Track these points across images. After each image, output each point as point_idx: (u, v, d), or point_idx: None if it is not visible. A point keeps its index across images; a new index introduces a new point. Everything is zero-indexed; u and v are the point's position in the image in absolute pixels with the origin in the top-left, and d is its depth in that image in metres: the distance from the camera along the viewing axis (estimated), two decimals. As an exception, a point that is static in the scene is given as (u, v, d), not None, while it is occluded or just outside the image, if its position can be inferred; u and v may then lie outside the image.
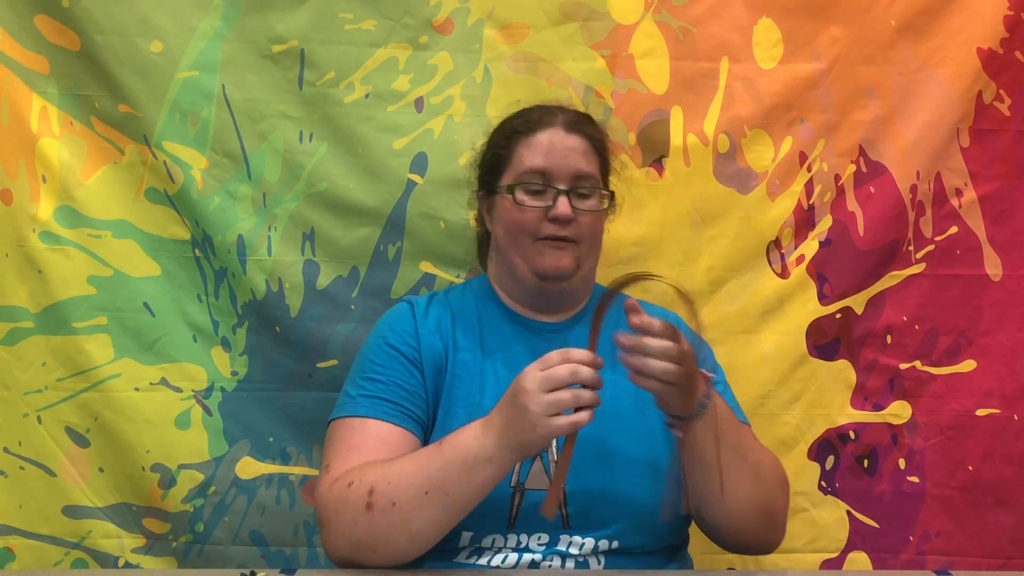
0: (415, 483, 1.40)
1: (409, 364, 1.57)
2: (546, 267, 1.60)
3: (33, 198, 1.84)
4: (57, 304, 1.85)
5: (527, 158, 1.62)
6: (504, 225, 1.64)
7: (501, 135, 1.68)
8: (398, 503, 1.39)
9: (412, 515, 1.39)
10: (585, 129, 1.65)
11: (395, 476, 1.42)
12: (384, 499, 1.40)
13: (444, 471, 1.39)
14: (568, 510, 1.52)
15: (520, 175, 1.62)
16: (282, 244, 1.89)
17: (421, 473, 1.40)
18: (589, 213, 1.61)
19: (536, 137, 1.63)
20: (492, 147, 1.69)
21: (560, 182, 1.60)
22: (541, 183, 1.60)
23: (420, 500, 1.39)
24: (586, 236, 1.61)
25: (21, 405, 1.86)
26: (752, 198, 1.93)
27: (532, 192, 1.60)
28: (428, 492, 1.39)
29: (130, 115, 1.85)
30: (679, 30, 1.91)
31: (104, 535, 1.88)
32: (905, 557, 1.95)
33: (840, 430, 1.95)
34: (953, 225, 1.94)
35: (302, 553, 1.91)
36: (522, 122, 1.66)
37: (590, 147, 1.64)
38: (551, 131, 1.63)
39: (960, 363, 1.95)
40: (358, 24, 1.87)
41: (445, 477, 1.39)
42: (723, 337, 1.92)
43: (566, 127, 1.63)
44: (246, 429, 1.90)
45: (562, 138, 1.62)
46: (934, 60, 1.92)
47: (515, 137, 1.65)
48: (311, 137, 1.89)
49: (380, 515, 1.40)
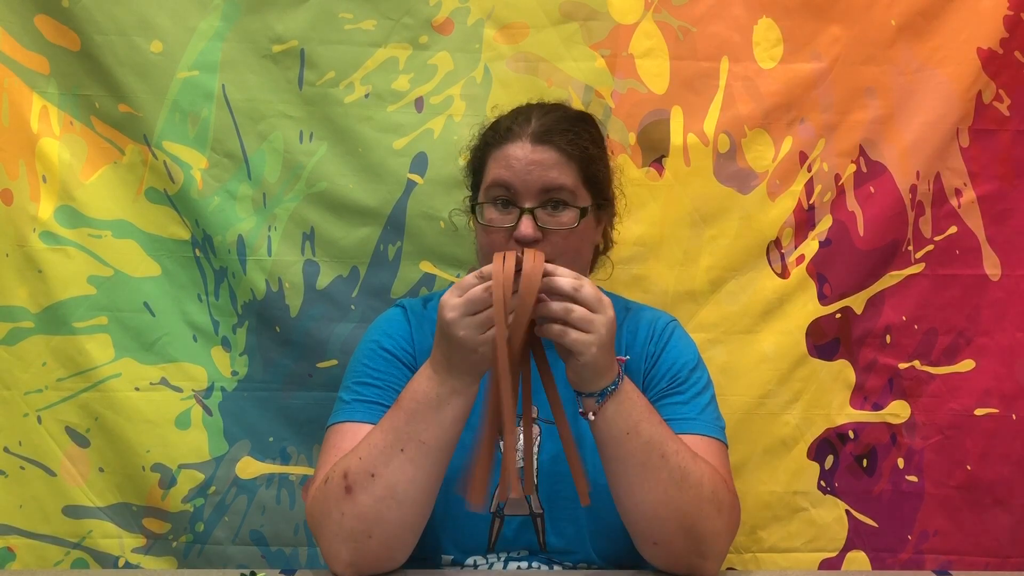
0: (387, 445, 1.37)
1: (404, 367, 1.55)
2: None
3: (33, 198, 1.84)
4: (57, 304, 1.85)
5: (492, 171, 1.55)
6: (479, 244, 1.59)
7: (477, 145, 1.63)
8: (376, 472, 1.37)
9: (394, 478, 1.36)
10: (556, 139, 1.53)
11: (365, 450, 1.39)
12: (361, 475, 1.37)
13: (412, 422, 1.37)
14: (546, 539, 1.52)
15: (486, 190, 1.55)
16: (282, 244, 1.89)
17: (390, 434, 1.38)
18: (560, 230, 1.51)
19: (503, 149, 1.54)
20: (471, 157, 1.64)
21: (525, 199, 1.50)
22: (506, 197, 1.52)
23: (399, 459, 1.36)
24: (560, 253, 1.48)
25: (21, 405, 1.86)
26: (752, 198, 1.93)
27: (498, 209, 1.53)
28: (404, 448, 1.36)
29: (130, 115, 1.85)
30: (679, 30, 1.91)
31: (104, 535, 1.88)
32: (904, 556, 1.95)
33: (839, 430, 1.95)
34: (952, 225, 1.94)
35: (302, 553, 1.92)
36: (492, 132, 1.59)
37: (563, 157, 1.52)
38: (518, 144, 1.53)
39: (959, 363, 1.95)
40: (358, 24, 1.87)
41: (415, 427, 1.36)
42: (723, 337, 1.93)
43: (535, 139, 1.52)
44: (246, 429, 1.90)
45: (528, 151, 1.52)
46: (934, 60, 1.92)
47: (486, 149, 1.58)
48: (311, 137, 1.88)
49: (362, 492, 1.37)
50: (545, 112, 1.59)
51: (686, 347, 1.64)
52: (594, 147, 1.59)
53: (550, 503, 1.52)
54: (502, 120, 1.61)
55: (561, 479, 1.50)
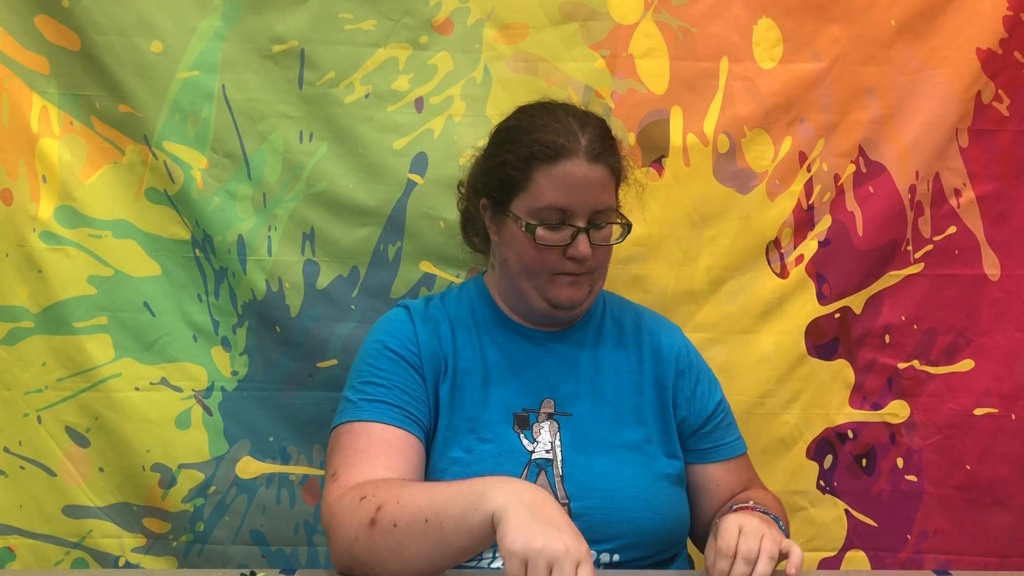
0: (419, 508, 1.32)
1: (410, 368, 1.56)
2: (561, 299, 1.57)
3: (33, 198, 1.84)
4: (57, 304, 1.85)
5: (547, 192, 1.52)
6: (518, 255, 1.57)
7: (515, 153, 1.56)
8: (399, 525, 1.33)
9: (408, 541, 1.32)
10: (608, 159, 1.55)
11: (405, 498, 1.35)
12: (388, 519, 1.34)
13: (448, 504, 1.30)
14: None
15: (539, 211, 1.53)
16: (282, 244, 1.89)
17: (427, 500, 1.32)
18: (605, 246, 1.57)
19: (559, 167, 1.52)
20: (504, 164, 1.57)
21: (579, 219, 1.53)
22: (559, 219, 1.53)
23: (418, 527, 1.31)
24: (600, 266, 1.59)
25: (21, 405, 1.86)
26: (752, 198, 1.93)
27: (550, 228, 1.54)
28: (428, 520, 1.31)
29: (130, 115, 1.85)
30: (679, 30, 1.91)
31: (104, 535, 1.88)
32: (903, 556, 1.96)
33: (839, 429, 1.96)
34: (952, 225, 1.95)
35: (302, 552, 1.92)
36: (541, 146, 1.53)
37: (610, 176, 1.56)
38: (574, 162, 1.52)
39: (958, 363, 1.96)
40: (358, 24, 1.87)
41: (446, 511, 1.30)
42: (722, 337, 1.93)
43: (590, 158, 1.52)
44: (246, 429, 1.90)
45: (585, 171, 1.52)
46: (934, 60, 1.92)
47: (532, 163, 1.53)
48: (311, 137, 1.88)
49: (380, 534, 1.34)
50: (584, 123, 1.57)
51: (708, 367, 1.72)
52: (621, 161, 1.62)
53: (574, 493, 1.53)
54: (543, 131, 1.55)
55: (584, 470, 1.53)
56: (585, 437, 1.56)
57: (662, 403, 1.62)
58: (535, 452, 1.54)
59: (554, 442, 1.55)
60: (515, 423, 1.56)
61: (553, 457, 1.53)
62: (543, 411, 1.57)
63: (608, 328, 1.67)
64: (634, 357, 1.64)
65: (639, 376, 1.63)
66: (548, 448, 1.54)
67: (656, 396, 1.62)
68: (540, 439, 1.55)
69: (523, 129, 1.58)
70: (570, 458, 1.54)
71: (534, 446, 1.55)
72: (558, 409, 1.58)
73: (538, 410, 1.57)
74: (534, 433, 1.55)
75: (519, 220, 1.55)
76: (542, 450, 1.54)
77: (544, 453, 1.54)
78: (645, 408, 1.60)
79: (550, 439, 1.55)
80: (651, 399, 1.62)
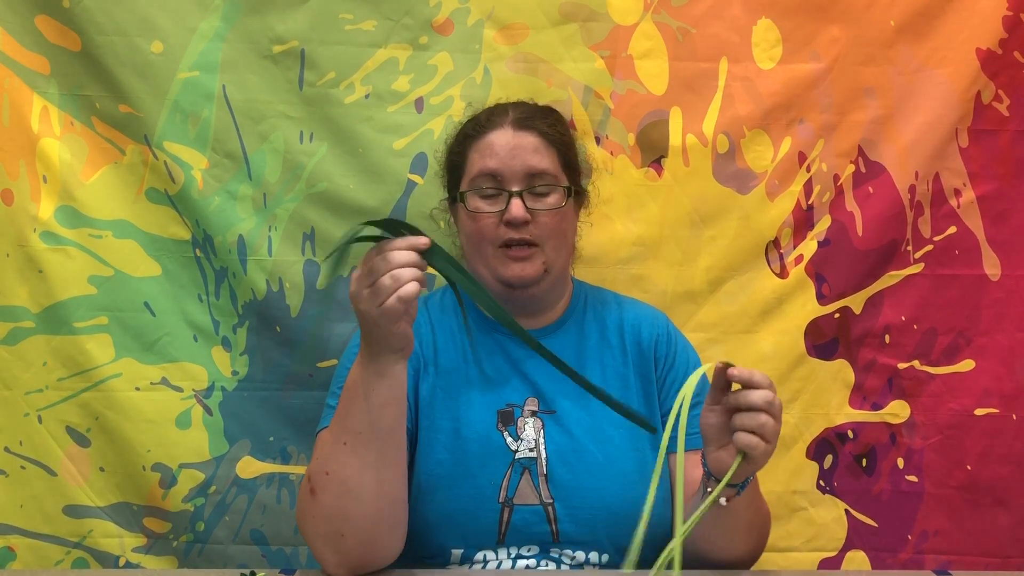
0: (333, 440, 1.38)
1: None
2: (509, 276, 1.57)
3: (34, 198, 1.85)
4: (58, 304, 1.85)
5: (477, 162, 1.59)
6: (465, 234, 1.62)
7: (455, 141, 1.66)
8: (328, 469, 1.38)
9: (343, 472, 1.37)
10: (537, 124, 1.59)
11: (319, 449, 1.43)
12: (318, 475, 1.39)
13: (346, 415, 1.37)
14: (558, 527, 1.52)
15: (472, 180, 1.59)
16: (282, 244, 1.89)
17: (335, 428, 1.39)
18: (548, 212, 1.57)
19: (485, 139, 1.59)
20: (449, 153, 1.67)
21: (512, 183, 1.56)
22: (493, 186, 1.57)
23: (342, 454, 1.36)
24: (549, 236, 1.57)
25: (22, 405, 1.87)
26: (751, 198, 1.93)
27: (485, 197, 1.57)
28: (346, 442, 1.36)
29: (131, 115, 1.85)
30: (678, 31, 1.92)
31: (105, 534, 1.88)
32: (903, 556, 1.96)
33: (838, 429, 1.96)
34: (952, 225, 1.95)
35: (302, 552, 1.92)
36: (472, 125, 1.63)
37: (544, 142, 1.59)
38: (500, 131, 1.59)
39: (958, 363, 1.95)
40: (358, 24, 1.88)
41: (349, 419, 1.36)
42: (722, 337, 1.93)
43: (516, 125, 1.59)
44: (247, 429, 1.90)
45: (511, 137, 1.58)
46: (933, 60, 1.92)
47: (466, 142, 1.62)
48: (311, 137, 1.89)
49: (323, 492, 1.38)
50: (520, 105, 1.65)
51: (692, 353, 1.69)
52: (568, 135, 1.66)
53: (559, 492, 1.53)
54: (478, 115, 1.66)
55: (569, 469, 1.53)
56: (569, 434, 1.56)
57: (647, 396, 1.62)
58: (519, 451, 1.54)
59: (538, 440, 1.55)
60: (499, 420, 1.56)
61: (537, 456, 1.53)
62: (527, 408, 1.57)
63: (590, 324, 1.66)
64: (618, 351, 1.64)
65: (624, 370, 1.62)
66: (532, 447, 1.54)
67: (642, 389, 1.62)
68: (524, 436, 1.55)
69: (465, 121, 1.67)
70: (554, 457, 1.54)
71: (518, 444, 1.54)
72: (542, 407, 1.57)
73: (522, 406, 1.57)
74: (518, 430, 1.55)
75: (460, 197, 1.60)
76: (526, 448, 1.54)
77: (528, 452, 1.54)
78: (631, 402, 1.59)
79: (534, 436, 1.55)
80: (637, 392, 1.61)
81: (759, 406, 1.33)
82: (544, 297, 1.63)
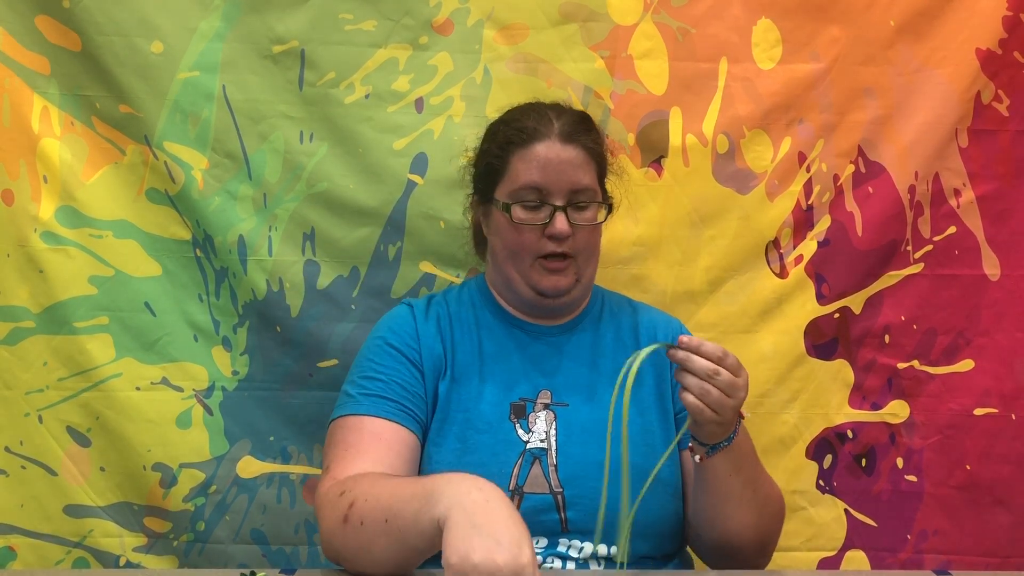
0: (381, 507, 1.31)
1: (410, 364, 1.57)
2: (545, 286, 1.59)
3: (34, 198, 1.85)
4: (58, 304, 1.85)
5: (522, 173, 1.58)
6: (502, 241, 1.62)
7: (494, 142, 1.64)
8: (365, 523, 1.32)
9: (372, 540, 1.31)
10: (582, 139, 1.59)
11: (373, 495, 1.34)
12: (357, 516, 1.33)
13: (404, 505, 1.28)
14: (567, 515, 1.52)
15: (515, 191, 1.58)
16: (282, 244, 1.89)
17: (389, 500, 1.31)
18: (587, 227, 1.59)
19: (531, 150, 1.58)
20: (485, 153, 1.66)
21: (557, 198, 1.57)
22: (537, 199, 1.57)
23: (380, 527, 1.30)
24: (584, 249, 1.60)
25: (22, 404, 1.87)
26: (751, 198, 1.93)
27: (528, 208, 1.58)
28: (388, 520, 1.29)
29: (131, 115, 1.85)
30: (678, 31, 1.92)
31: (105, 534, 1.88)
32: (903, 556, 1.96)
33: (838, 429, 1.96)
34: (951, 225, 1.95)
35: (303, 552, 1.92)
36: (516, 131, 1.61)
37: (587, 157, 1.60)
38: (547, 143, 1.58)
39: (958, 363, 1.96)
40: (358, 24, 1.88)
41: (402, 512, 1.27)
42: (722, 337, 1.93)
43: (562, 138, 1.58)
44: (247, 428, 1.91)
45: (558, 151, 1.57)
46: (933, 60, 1.92)
47: (509, 148, 1.60)
48: (311, 137, 1.89)
49: (351, 531, 1.34)
50: (560, 111, 1.63)
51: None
52: (604, 148, 1.67)
53: (569, 482, 1.53)
54: (520, 119, 1.63)
55: (578, 460, 1.54)
56: (581, 427, 1.57)
57: (660, 393, 1.63)
58: (530, 442, 1.55)
59: (549, 432, 1.56)
60: (511, 412, 1.57)
61: (548, 446, 1.54)
62: (539, 401, 1.58)
63: (606, 321, 1.69)
64: (632, 348, 1.64)
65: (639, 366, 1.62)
66: (543, 438, 1.55)
67: (655, 386, 1.63)
68: (536, 429, 1.56)
69: (502, 121, 1.66)
70: (565, 447, 1.55)
71: (529, 436, 1.55)
72: (555, 400, 1.58)
73: (535, 400, 1.58)
74: (530, 423, 1.56)
75: (499, 204, 1.59)
76: (537, 440, 1.55)
77: (539, 443, 1.55)
78: (644, 398, 1.60)
79: (545, 428, 1.56)
80: (651, 389, 1.62)
81: (700, 373, 1.36)
82: (570, 303, 1.65)
